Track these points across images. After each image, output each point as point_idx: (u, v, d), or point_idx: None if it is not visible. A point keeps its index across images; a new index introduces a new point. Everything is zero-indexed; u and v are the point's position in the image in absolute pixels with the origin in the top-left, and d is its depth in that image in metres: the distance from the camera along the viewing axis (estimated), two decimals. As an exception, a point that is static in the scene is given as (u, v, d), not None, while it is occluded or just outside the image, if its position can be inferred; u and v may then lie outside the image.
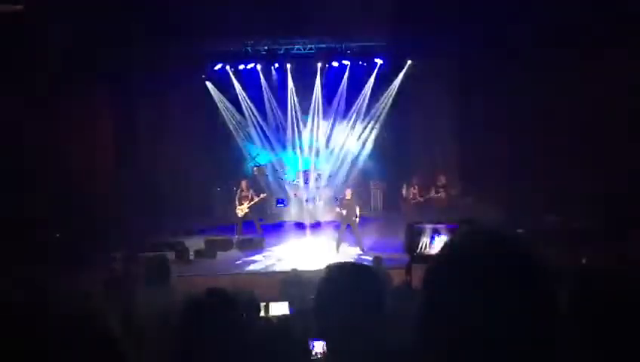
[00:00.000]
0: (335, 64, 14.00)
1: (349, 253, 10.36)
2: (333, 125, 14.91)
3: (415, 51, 13.04)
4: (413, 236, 7.15)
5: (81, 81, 10.16)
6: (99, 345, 0.97)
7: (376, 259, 7.35)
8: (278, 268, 9.34)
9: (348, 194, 10.79)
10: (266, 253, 10.62)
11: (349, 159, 14.75)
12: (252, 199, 11.49)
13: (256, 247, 10.89)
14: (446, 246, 0.94)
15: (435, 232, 7.01)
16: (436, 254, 0.95)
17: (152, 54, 10.32)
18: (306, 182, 14.68)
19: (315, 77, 14.12)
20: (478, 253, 0.87)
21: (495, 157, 10.84)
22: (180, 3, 9.90)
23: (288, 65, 13.97)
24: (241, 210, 11.40)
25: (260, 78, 14.25)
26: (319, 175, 14.73)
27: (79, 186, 9.92)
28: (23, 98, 8.83)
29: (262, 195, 11.75)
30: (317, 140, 14.98)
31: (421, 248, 6.95)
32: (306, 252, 10.50)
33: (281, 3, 10.16)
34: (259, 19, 10.92)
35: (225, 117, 14.27)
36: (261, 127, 14.78)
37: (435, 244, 6.89)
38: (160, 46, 10.18)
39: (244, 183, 11.72)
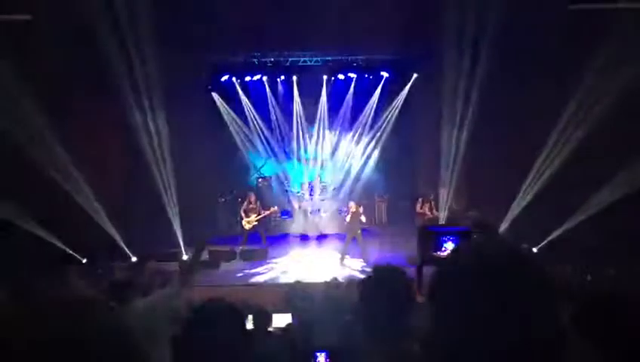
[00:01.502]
0: (341, 77, 14.08)
1: (353, 266, 10.32)
2: (338, 137, 14.95)
3: (421, 65, 13.09)
4: (425, 238, 7.11)
5: (86, 91, 10.24)
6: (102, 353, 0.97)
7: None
8: (282, 279, 9.31)
9: (353, 206, 10.76)
10: (269, 265, 10.61)
11: (354, 171, 14.75)
12: (260, 212, 11.51)
13: (260, 258, 10.87)
14: (455, 251, 0.94)
15: (447, 235, 6.98)
16: (445, 258, 0.94)
17: (159, 64, 10.40)
18: (311, 193, 14.67)
19: (321, 89, 14.18)
20: (486, 260, 0.87)
21: (502, 171, 10.79)
22: (188, 14, 9.99)
23: (294, 77, 14.05)
24: (249, 222, 11.41)
25: (266, 90, 14.33)
26: (324, 187, 14.72)
27: (85, 195, 9.95)
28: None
29: (272, 209, 11.79)
30: (322, 152, 15.00)
31: (432, 250, 6.92)
32: (310, 264, 10.48)
33: (288, 16, 10.25)
34: (266, 32, 11.01)
35: (230, 128, 14.33)
36: (266, 139, 14.82)
37: (446, 247, 6.87)
38: (166, 56, 10.26)
39: (252, 196, 11.77)
